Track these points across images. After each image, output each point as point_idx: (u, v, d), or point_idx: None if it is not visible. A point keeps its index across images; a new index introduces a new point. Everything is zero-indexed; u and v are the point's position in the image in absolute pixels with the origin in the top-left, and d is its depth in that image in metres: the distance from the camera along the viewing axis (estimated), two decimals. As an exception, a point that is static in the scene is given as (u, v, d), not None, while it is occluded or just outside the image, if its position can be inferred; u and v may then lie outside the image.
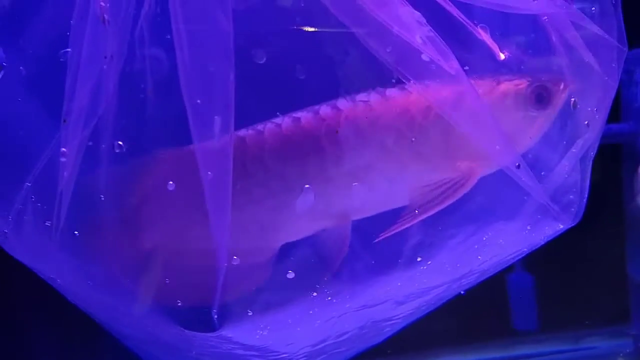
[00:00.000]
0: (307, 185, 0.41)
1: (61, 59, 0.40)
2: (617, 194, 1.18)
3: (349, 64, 0.39)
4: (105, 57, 0.36)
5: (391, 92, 0.42)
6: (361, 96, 0.41)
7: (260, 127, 0.42)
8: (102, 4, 0.35)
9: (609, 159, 1.19)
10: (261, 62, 0.37)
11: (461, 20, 0.38)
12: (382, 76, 0.39)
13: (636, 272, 1.17)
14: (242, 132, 0.42)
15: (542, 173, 0.45)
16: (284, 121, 0.41)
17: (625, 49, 0.51)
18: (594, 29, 0.47)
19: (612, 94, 0.48)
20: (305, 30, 0.38)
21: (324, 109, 0.41)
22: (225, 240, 0.38)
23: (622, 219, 1.16)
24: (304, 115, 0.41)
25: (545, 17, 0.41)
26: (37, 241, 0.44)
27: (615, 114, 1.23)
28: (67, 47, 0.40)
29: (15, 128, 0.43)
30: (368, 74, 0.39)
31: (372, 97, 0.41)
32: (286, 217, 0.42)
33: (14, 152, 0.43)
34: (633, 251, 1.17)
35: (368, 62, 0.38)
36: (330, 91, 0.40)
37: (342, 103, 0.41)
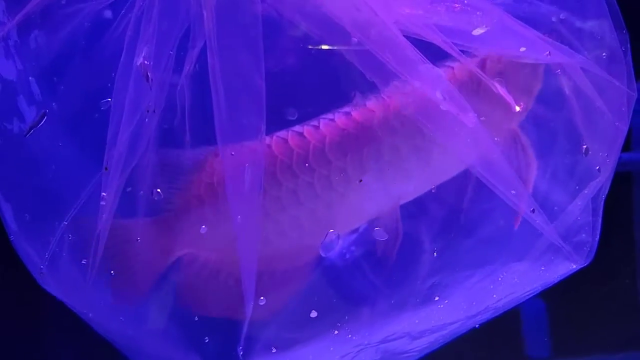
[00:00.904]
0: (361, 179, 0.43)
1: (102, 108, 0.43)
2: (627, 221, 1.19)
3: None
4: (147, 111, 0.39)
5: None
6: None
7: (313, 123, 0.43)
8: (146, 62, 0.38)
9: (619, 187, 1.21)
10: (293, 119, 0.40)
11: (478, 74, 0.40)
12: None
13: (648, 298, 1.17)
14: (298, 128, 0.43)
15: (554, 214, 0.47)
16: (337, 116, 0.43)
17: (635, 94, 0.52)
18: (604, 75, 0.49)
19: (623, 138, 0.50)
20: (335, 89, 0.40)
21: (370, 102, 0.43)
22: (252, 280, 0.40)
23: (633, 246, 1.17)
24: (353, 110, 0.43)
25: (559, 70, 0.43)
26: (71, 278, 0.46)
27: (625, 142, 1.25)
28: (108, 97, 0.43)
29: (55, 169, 0.45)
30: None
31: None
32: (340, 211, 0.44)
33: (53, 192, 0.45)
34: (645, 278, 1.18)
35: None
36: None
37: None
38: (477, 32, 0.43)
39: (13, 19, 0.45)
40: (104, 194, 0.41)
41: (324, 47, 0.40)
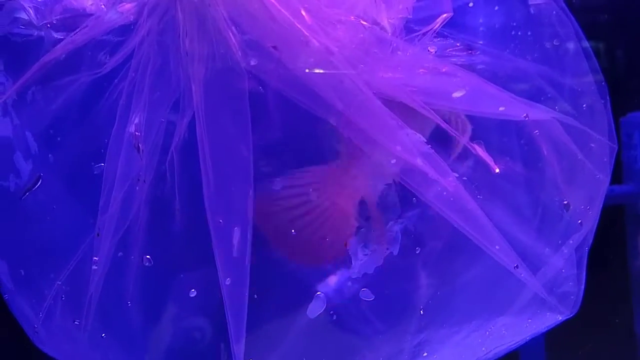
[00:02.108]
0: None
1: (95, 172, 0.44)
2: (621, 254, 1.19)
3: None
4: (138, 180, 0.40)
5: None
6: None
7: None
8: (137, 133, 0.40)
9: (612, 221, 1.22)
10: (277, 188, 0.41)
11: (456, 136, 0.42)
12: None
13: (645, 331, 1.17)
14: None
15: (537, 267, 0.48)
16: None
17: (616, 146, 0.54)
18: (584, 129, 0.50)
19: (605, 188, 0.51)
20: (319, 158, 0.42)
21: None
22: (241, 343, 0.41)
23: (627, 280, 1.18)
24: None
25: (537, 131, 0.45)
26: (65, 338, 0.47)
27: (617, 175, 1.26)
28: (101, 162, 0.44)
29: (50, 228, 0.46)
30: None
31: None
32: None
33: (48, 251, 0.46)
34: (640, 311, 1.18)
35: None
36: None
37: None
38: (457, 94, 0.45)
39: (11, 79, 0.46)
40: (95, 258, 0.42)
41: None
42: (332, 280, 0.46)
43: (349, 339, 0.47)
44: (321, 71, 0.38)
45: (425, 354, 0.46)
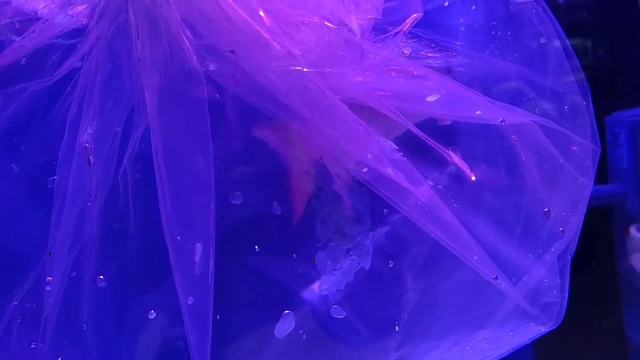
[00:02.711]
0: None
1: (49, 186, 0.42)
2: (609, 255, 1.18)
3: (323, 199, 0.41)
4: (90, 195, 0.37)
5: None
6: None
7: None
8: (87, 144, 0.37)
9: (599, 221, 1.20)
10: (238, 202, 0.39)
11: (431, 144, 0.40)
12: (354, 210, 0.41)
13: (634, 333, 1.16)
14: None
15: (518, 277, 0.46)
16: None
17: (599, 148, 0.52)
18: (565, 132, 0.48)
19: (588, 194, 0.49)
20: (282, 168, 0.39)
21: None
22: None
23: (616, 281, 1.17)
24: None
25: (514, 136, 0.43)
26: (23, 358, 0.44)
27: (603, 175, 1.25)
28: (55, 175, 0.41)
29: (10, 241, 0.44)
30: (342, 207, 0.41)
31: None
32: None
33: (8, 266, 0.44)
34: (630, 312, 1.17)
35: (342, 197, 0.40)
36: (306, 223, 0.41)
37: None
38: (431, 98, 0.43)
39: None
40: (49, 278, 0.40)
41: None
42: (308, 293, 0.44)
43: (327, 353, 0.45)
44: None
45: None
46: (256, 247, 0.40)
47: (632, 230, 1.13)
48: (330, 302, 0.41)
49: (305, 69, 0.36)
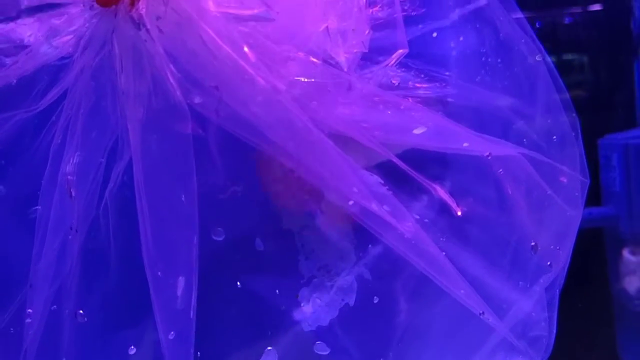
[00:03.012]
0: None
1: (31, 216, 0.41)
2: (602, 278, 1.18)
3: (308, 235, 0.40)
4: (71, 229, 0.37)
5: None
6: None
7: None
8: (70, 177, 0.37)
9: (592, 244, 1.20)
10: (220, 239, 0.38)
11: (417, 178, 0.39)
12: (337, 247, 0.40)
13: (628, 356, 1.15)
14: None
15: (504, 311, 0.46)
16: None
17: (588, 180, 0.52)
18: (553, 163, 0.48)
19: (576, 225, 0.49)
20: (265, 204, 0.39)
21: None
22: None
23: (609, 303, 1.16)
24: None
25: (501, 170, 0.42)
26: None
27: (596, 198, 1.25)
28: (36, 205, 0.41)
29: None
30: (327, 244, 0.40)
31: None
32: None
33: None
34: (623, 335, 1.16)
35: (326, 235, 0.39)
36: (290, 259, 0.41)
37: None
38: (418, 131, 0.42)
39: None
40: (29, 310, 0.39)
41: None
42: (291, 328, 0.43)
43: None
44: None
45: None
46: (238, 283, 0.39)
47: (625, 253, 1.13)
48: (313, 338, 0.41)
49: (290, 103, 0.36)
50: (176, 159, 0.37)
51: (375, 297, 0.41)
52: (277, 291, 0.40)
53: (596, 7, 1.29)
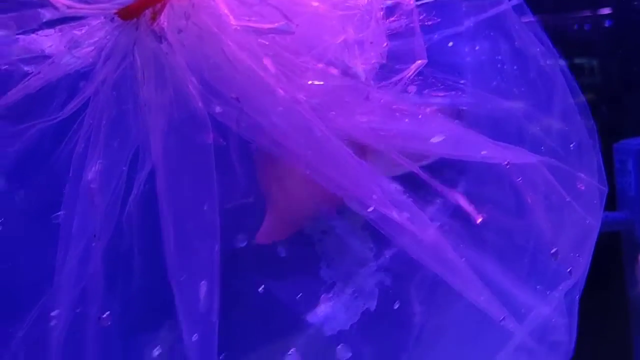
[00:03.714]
0: None
1: (54, 222, 0.42)
2: (619, 282, 1.17)
3: (328, 241, 0.41)
4: (94, 236, 0.38)
5: None
6: None
7: None
8: (92, 185, 0.37)
9: (608, 248, 1.19)
10: (242, 245, 0.39)
11: (435, 186, 0.39)
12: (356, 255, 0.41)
13: (644, 361, 1.14)
14: None
15: (523, 316, 0.45)
16: None
17: (606, 189, 0.51)
18: (572, 171, 0.48)
19: (595, 234, 0.49)
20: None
21: None
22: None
23: (626, 307, 1.15)
24: None
25: (520, 179, 0.42)
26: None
27: (611, 203, 1.24)
28: (60, 211, 0.41)
29: (13, 275, 0.44)
30: (347, 251, 0.41)
31: None
32: None
33: (9, 299, 0.44)
34: (639, 338, 1.15)
35: (346, 241, 0.40)
36: (311, 266, 0.41)
37: None
38: (436, 139, 0.43)
39: None
40: (54, 313, 0.40)
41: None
42: (313, 333, 0.43)
43: None
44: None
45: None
46: (260, 288, 0.40)
47: (641, 257, 1.12)
48: (334, 342, 0.41)
49: (309, 113, 0.36)
50: (198, 167, 0.37)
51: (395, 301, 0.41)
52: (298, 296, 0.40)
53: (606, 10, 1.29)
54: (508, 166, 0.41)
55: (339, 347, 0.41)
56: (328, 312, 0.41)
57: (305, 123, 0.37)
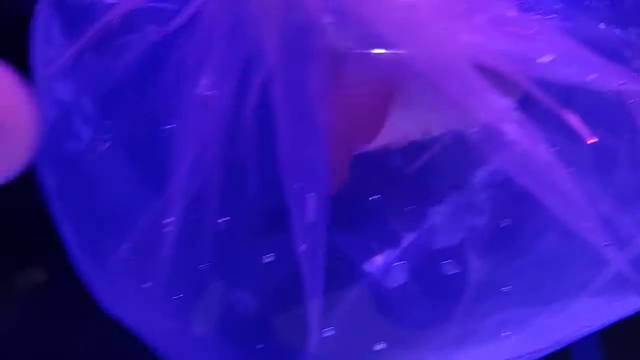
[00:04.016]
0: None
1: (162, 135, 0.43)
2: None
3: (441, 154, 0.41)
4: (207, 142, 0.38)
5: None
6: None
7: None
8: (205, 94, 0.38)
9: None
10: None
11: (549, 105, 0.39)
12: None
13: None
14: None
15: (621, 241, 0.45)
16: None
17: None
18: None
19: None
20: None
21: None
22: (318, 310, 0.40)
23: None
24: None
25: (632, 100, 0.41)
26: (132, 302, 0.45)
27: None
28: (167, 125, 0.42)
29: (114, 192, 0.45)
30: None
31: None
32: None
33: (113, 214, 0.45)
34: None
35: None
36: (422, 177, 0.41)
37: None
38: (544, 59, 0.42)
39: (68, 43, 0.45)
40: (167, 220, 0.41)
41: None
42: (378, 260, 0.44)
43: (411, 313, 0.45)
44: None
45: (503, 334, 0.44)
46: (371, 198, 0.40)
47: None
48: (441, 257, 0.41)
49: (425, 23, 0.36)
50: (312, 76, 0.37)
51: (505, 218, 0.41)
52: (406, 208, 0.40)
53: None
54: (622, 86, 0.40)
55: (446, 262, 0.42)
56: (437, 223, 0.41)
57: (420, 32, 0.37)
